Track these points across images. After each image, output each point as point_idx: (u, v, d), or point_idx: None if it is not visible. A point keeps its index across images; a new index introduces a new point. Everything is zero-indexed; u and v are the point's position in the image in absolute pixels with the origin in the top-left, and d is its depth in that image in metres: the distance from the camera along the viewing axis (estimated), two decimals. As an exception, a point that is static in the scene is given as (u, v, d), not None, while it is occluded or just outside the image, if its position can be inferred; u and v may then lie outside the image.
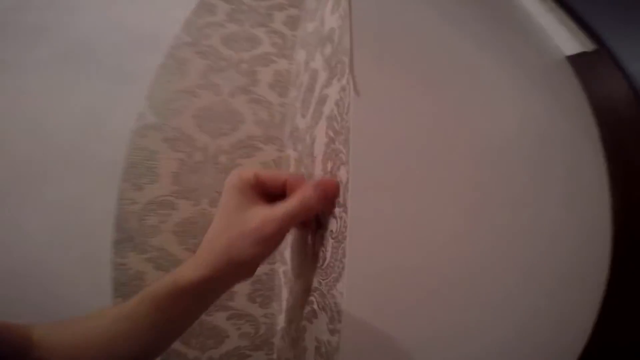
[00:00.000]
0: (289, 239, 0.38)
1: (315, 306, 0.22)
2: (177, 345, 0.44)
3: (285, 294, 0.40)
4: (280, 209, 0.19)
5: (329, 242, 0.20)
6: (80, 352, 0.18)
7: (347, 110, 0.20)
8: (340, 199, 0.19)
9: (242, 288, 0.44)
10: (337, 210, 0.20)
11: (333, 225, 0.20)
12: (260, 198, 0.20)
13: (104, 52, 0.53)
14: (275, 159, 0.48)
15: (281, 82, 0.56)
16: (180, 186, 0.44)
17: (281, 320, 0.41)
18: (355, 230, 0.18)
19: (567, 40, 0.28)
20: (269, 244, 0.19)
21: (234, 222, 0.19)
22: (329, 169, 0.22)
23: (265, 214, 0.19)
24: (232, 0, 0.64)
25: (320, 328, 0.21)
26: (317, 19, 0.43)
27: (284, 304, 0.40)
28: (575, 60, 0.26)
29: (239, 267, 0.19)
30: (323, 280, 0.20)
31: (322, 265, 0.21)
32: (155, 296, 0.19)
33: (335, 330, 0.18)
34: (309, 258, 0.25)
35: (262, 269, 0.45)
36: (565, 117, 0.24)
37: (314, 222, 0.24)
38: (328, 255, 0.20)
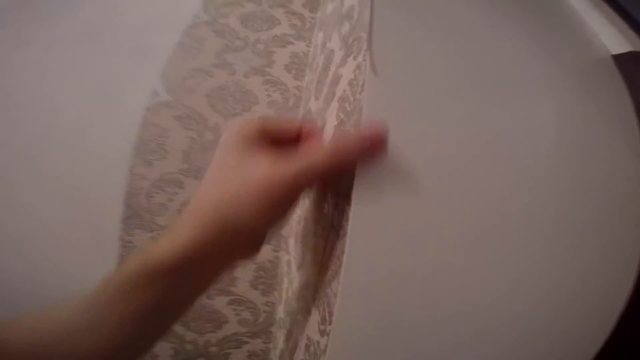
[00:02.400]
0: (294, 226, 0.36)
1: (309, 302, 0.20)
2: (175, 326, 0.43)
3: (286, 284, 0.38)
4: (300, 160, 0.15)
5: (330, 234, 0.18)
6: (39, 350, 0.14)
7: (361, 90, 0.18)
8: (343, 187, 0.16)
9: (245, 274, 0.43)
10: (337, 199, 0.17)
11: (334, 217, 0.17)
12: (269, 149, 0.16)
13: (123, 31, 0.53)
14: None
15: (297, 65, 0.53)
16: (190, 164, 0.43)
17: (280, 311, 0.39)
18: (359, 226, 0.15)
19: (613, 37, 0.25)
20: (279, 205, 0.15)
21: (231, 175, 0.15)
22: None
23: (277, 165, 0.15)
24: (253, -21, 0.63)
25: (311, 326, 0.19)
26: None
27: (284, 295, 0.38)
28: (621, 59, 0.23)
29: (235, 236, 0.14)
30: (320, 276, 0.18)
31: (322, 259, 0.19)
32: (120, 281, 0.15)
33: (325, 331, 0.16)
34: (310, 249, 0.22)
35: (266, 256, 0.44)
36: (605, 119, 0.22)
37: (329, 201, 0.20)
38: (327, 248, 0.18)
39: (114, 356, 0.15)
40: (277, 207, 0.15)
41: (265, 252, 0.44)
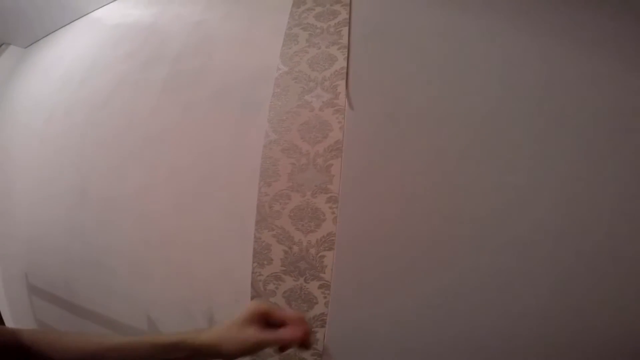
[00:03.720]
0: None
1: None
2: (288, 226, 0.60)
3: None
4: (256, 336, 0.29)
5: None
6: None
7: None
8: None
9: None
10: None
11: None
12: (260, 324, 0.30)
13: (237, 89, 0.77)
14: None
15: (359, 92, 0.65)
16: (293, 182, 0.62)
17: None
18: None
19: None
20: (247, 350, 0.30)
21: (236, 330, 0.30)
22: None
23: (250, 335, 0.29)
24: (308, 26, 0.78)
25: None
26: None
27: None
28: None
29: (223, 349, 0.30)
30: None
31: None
32: (159, 342, 0.29)
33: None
34: None
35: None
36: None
37: None
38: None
39: None
40: (246, 352, 0.30)
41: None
